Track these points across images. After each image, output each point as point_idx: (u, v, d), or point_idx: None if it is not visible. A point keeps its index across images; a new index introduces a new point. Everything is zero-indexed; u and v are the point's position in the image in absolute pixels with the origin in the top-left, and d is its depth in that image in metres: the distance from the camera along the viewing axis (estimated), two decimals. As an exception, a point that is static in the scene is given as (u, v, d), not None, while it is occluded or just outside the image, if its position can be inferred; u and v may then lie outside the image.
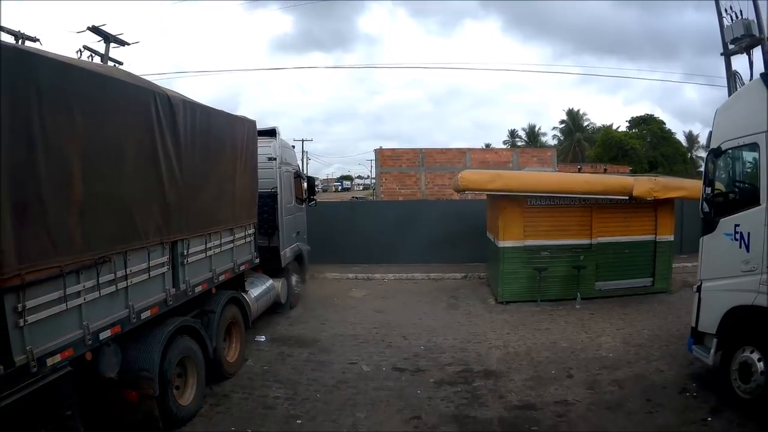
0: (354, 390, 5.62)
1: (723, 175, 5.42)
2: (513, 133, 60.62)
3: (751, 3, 13.44)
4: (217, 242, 5.61)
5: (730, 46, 14.00)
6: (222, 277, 5.78)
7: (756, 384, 4.72)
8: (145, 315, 4.30)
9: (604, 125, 50.56)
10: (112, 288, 3.84)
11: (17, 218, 2.95)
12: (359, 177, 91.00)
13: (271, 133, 8.04)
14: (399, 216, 13.44)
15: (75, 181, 3.33)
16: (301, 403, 5.30)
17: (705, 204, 5.31)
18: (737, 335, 5.03)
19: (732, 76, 14.51)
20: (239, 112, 6.63)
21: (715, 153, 5.27)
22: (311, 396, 5.47)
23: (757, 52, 13.47)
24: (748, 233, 4.87)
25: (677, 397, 5.33)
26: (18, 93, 2.97)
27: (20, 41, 14.94)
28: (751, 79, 12.83)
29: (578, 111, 52.80)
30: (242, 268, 6.42)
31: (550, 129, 57.42)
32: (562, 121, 53.40)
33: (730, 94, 12.50)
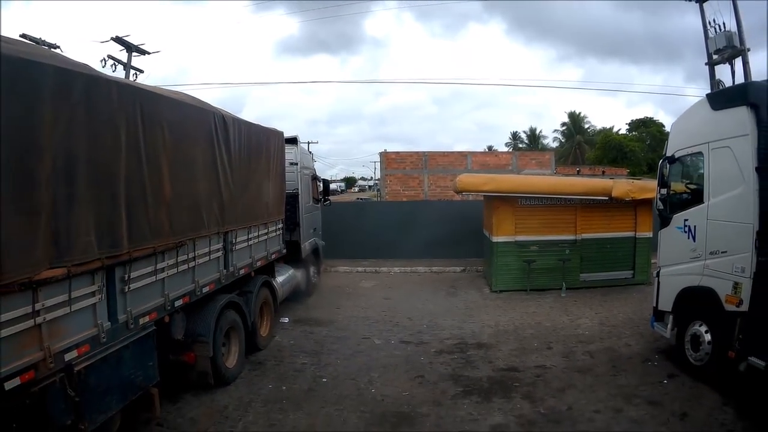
0: (368, 357, 6.73)
1: (676, 179, 6.45)
2: (515, 135, 61.50)
3: (733, 16, 14.52)
4: (256, 234, 6.75)
5: (714, 56, 15.05)
6: (258, 263, 6.91)
7: (704, 352, 5.76)
8: (205, 289, 5.41)
9: (604, 128, 51.45)
10: (185, 266, 4.97)
11: (129, 212, 4.05)
12: (362, 179, 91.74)
13: (293, 141, 9.14)
14: (404, 215, 14.52)
15: (165, 184, 4.45)
16: (324, 367, 6.40)
17: (660, 203, 6.39)
18: (688, 312, 6.07)
19: (716, 85, 15.55)
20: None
21: (670, 160, 6.34)
22: (333, 362, 6.58)
23: (739, 62, 14.58)
24: (695, 226, 5.95)
25: (640, 365, 6.39)
26: (130, 118, 4.07)
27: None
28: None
29: (579, 114, 53.67)
30: (273, 256, 7.55)
31: (551, 131, 58.25)
32: (563, 124, 54.24)
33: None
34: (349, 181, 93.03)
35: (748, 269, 5.12)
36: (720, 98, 5.73)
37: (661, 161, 6.45)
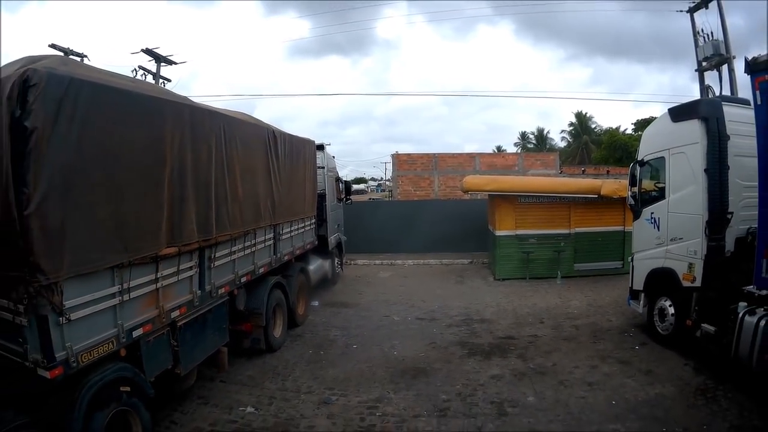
0: (389, 330, 8.08)
1: (645, 179, 7.66)
2: (523, 136, 62.14)
3: (720, 25, 15.64)
4: (296, 227, 8.16)
5: (703, 64, 16.18)
6: (297, 252, 8.30)
7: (669, 323, 6.99)
8: (261, 270, 6.78)
9: (610, 128, 52.11)
10: (249, 251, 6.33)
11: (216, 207, 5.39)
12: (372, 179, 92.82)
13: (320, 147, 10.48)
14: (416, 213, 15.86)
15: (238, 186, 5.81)
16: (354, 338, 7.74)
17: (631, 199, 7.63)
18: (656, 289, 7.29)
19: (705, 90, 16.69)
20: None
21: (640, 163, 7.57)
22: (360, 334, 7.92)
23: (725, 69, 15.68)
24: (659, 218, 7.19)
25: (617, 335, 7.63)
26: (217, 136, 5.42)
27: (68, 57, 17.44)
28: (721, 92, 15.26)
29: (586, 114, 54.38)
30: (308, 247, 8.95)
31: (558, 132, 58.89)
32: (570, 124, 54.96)
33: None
34: (360, 182, 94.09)
35: (699, 252, 6.36)
36: (678, 112, 6.92)
37: (632, 164, 7.70)
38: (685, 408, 5.22)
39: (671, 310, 6.95)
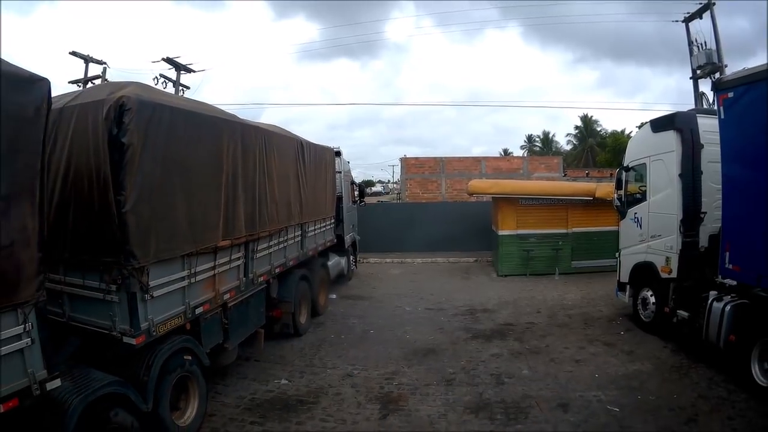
0: (401, 319, 9.04)
1: (630, 183, 8.56)
2: (530, 138, 62.61)
3: (712, 35, 16.49)
4: (319, 226, 9.16)
5: (697, 72, 17.01)
6: (319, 248, 9.28)
7: (650, 311, 7.87)
8: (290, 263, 7.76)
9: (615, 131, 52.55)
10: (282, 246, 7.32)
11: (259, 207, 6.35)
12: (380, 182, 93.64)
13: (337, 153, 11.45)
14: (424, 215, 16.83)
15: (275, 191, 6.81)
16: (370, 324, 8.70)
17: (617, 201, 8.55)
18: (639, 281, 8.17)
19: (699, 97, 17.53)
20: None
21: (625, 169, 8.48)
22: (376, 321, 8.87)
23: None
24: (641, 218, 8.09)
25: (606, 323, 8.51)
26: (260, 148, 6.40)
27: (87, 64, 18.56)
28: (714, 100, 16.02)
29: (591, 117, 54.82)
30: (328, 244, 9.95)
31: (564, 135, 59.32)
32: (576, 127, 55.51)
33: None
34: (368, 185, 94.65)
35: (675, 247, 7.23)
36: (657, 123, 7.81)
37: (618, 170, 8.61)
38: (660, 381, 6.04)
39: (652, 299, 7.81)
